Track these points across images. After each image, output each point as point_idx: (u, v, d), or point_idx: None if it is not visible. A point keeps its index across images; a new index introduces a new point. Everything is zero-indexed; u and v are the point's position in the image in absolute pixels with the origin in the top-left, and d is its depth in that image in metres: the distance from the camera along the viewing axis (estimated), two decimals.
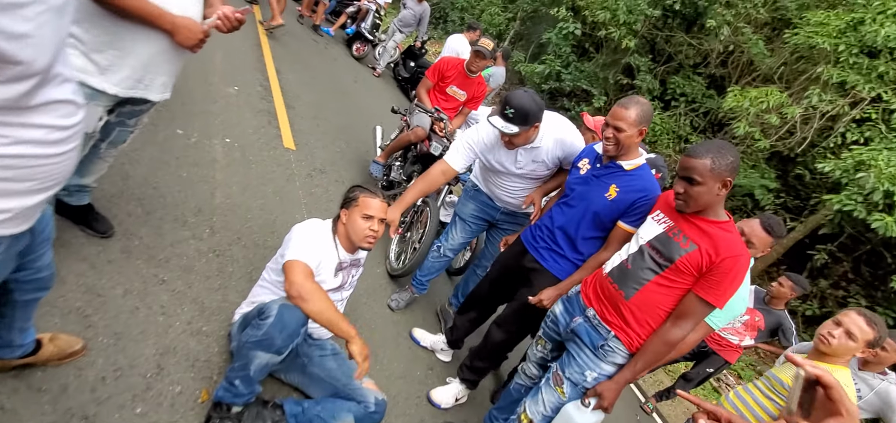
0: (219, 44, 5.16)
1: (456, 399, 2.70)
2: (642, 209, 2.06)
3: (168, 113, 3.38)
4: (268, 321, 1.73)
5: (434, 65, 4.28)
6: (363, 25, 8.62)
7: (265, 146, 3.90)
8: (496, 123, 2.31)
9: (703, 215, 1.76)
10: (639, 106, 2.04)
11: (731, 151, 1.70)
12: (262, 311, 1.80)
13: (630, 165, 2.13)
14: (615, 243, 2.13)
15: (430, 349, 2.99)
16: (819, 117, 5.49)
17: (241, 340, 1.82)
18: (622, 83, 8.16)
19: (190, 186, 2.90)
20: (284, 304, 1.78)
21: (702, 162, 1.68)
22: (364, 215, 2.01)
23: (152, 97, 1.87)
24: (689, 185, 1.72)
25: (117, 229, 2.28)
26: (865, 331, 1.94)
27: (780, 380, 2.05)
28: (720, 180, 1.68)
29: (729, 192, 1.75)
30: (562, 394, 1.97)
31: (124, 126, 1.98)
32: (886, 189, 4.34)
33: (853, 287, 6.03)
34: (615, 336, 1.87)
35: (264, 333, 1.73)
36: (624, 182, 2.13)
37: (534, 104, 2.30)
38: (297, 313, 1.77)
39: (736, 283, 1.70)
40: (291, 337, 1.77)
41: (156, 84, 1.86)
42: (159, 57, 1.79)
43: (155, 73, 1.83)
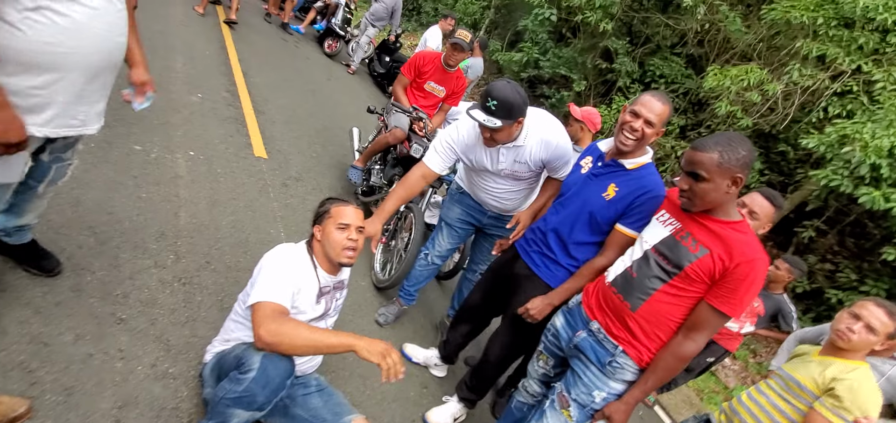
0: (180, 49, 4.88)
1: (454, 419, 2.53)
2: (643, 211, 1.88)
3: (123, 128, 3.11)
4: (249, 376, 1.52)
5: (409, 60, 4.07)
6: (334, 21, 8.33)
7: (234, 157, 3.66)
8: (478, 116, 2.11)
9: (713, 215, 1.60)
10: (668, 103, 1.87)
11: (743, 145, 1.52)
12: (242, 362, 1.59)
13: (633, 164, 1.95)
14: (613, 248, 1.96)
15: (424, 365, 2.81)
16: (800, 93, 5.46)
17: (217, 394, 1.61)
18: (601, 67, 8.05)
19: (150, 208, 2.66)
20: (268, 354, 1.57)
21: (709, 156, 1.51)
22: (339, 226, 1.81)
23: (90, 131, 1.62)
24: (695, 181, 1.56)
25: (66, 265, 2.04)
26: (886, 324, 1.84)
27: (795, 379, 1.94)
28: (730, 177, 1.51)
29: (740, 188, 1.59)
30: (568, 418, 1.81)
31: (61, 162, 1.72)
32: (873, 162, 4.31)
33: (841, 261, 6.05)
34: (623, 351, 1.71)
35: (245, 389, 1.52)
36: (624, 181, 1.95)
37: (518, 97, 2.11)
38: (282, 365, 1.57)
39: (753, 290, 1.55)
40: (276, 392, 1.58)
41: (93, 114, 1.61)
42: (97, 79, 1.53)
43: (91, 100, 1.57)
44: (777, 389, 2.00)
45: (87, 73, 1.47)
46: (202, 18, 6.22)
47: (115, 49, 1.54)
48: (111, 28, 1.48)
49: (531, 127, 2.28)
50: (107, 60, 1.52)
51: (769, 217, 2.36)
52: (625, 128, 1.87)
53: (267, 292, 1.65)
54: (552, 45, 8.93)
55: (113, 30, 1.49)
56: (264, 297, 1.63)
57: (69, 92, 1.45)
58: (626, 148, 1.89)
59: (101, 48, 1.48)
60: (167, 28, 5.19)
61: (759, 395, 2.04)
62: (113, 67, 1.58)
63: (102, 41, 1.47)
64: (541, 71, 8.85)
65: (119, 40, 1.54)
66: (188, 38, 5.33)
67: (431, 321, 3.30)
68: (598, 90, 8.58)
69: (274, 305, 1.63)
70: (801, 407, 1.88)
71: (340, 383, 2.36)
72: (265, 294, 1.64)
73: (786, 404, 1.93)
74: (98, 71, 1.51)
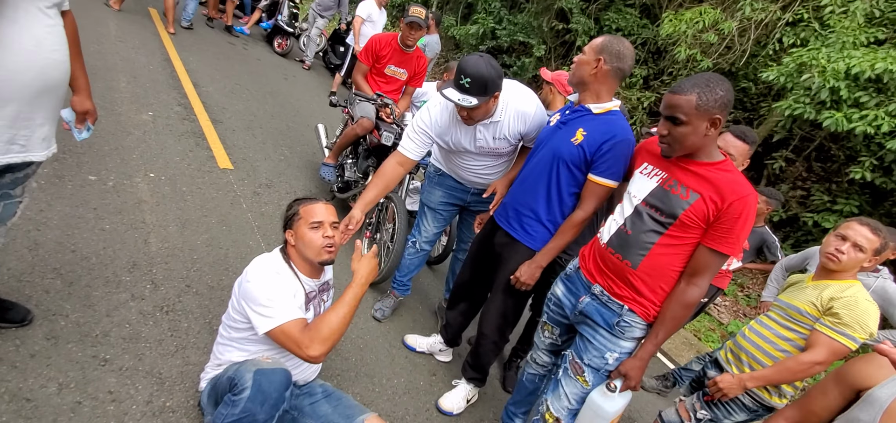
0: (121, 67, 4.58)
1: (467, 401, 2.50)
2: (612, 157, 1.87)
3: (72, 159, 2.90)
4: (244, 395, 1.44)
5: (365, 46, 3.93)
6: (280, 18, 8.02)
7: (198, 172, 3.47)
8: (452, 96, 2.03)
9: (696, 158, 1.59)
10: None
11: (721, 85, 1.50)
12: (235, 382, 1.51)
13: (599, 109, 1.93)
14: (589, 200, 1.96)
15: (429, 353, 2.76)
16: (754, 28, 5.58)
17: (215, 420, 1.52)
18: (558, 28, 8.04)
19: (117, 239, 2.48)
20: (260, 370, 1.49)
21: (686, 98, 1.49)
22: (311, 226, 1.74)
23: (36, 157, 1.48)
24: (673, 125, 1.54)
25: (36, 313, 1.88)
26: (872, 239, 1.90)
27: (794, 306, 1.99)
28: (708, 119, 1.50)
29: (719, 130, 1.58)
30: (585, 383, 1.79)
31: (9, 198, 1.57)
32: (832, 86, 4.46)
33: (812, 185, 6.30)
34: (630, 310, 1.70)
35: (242, 409, 1.44)
36: (592, 126, 1.92)
37: (492, 71, 2.03)
38: (277, 377, 1.51)
39: (748, 226, 1.55)
40: (275, 407, 1.50)
41: (35, 139, 1.46)
42: (35, 102, 1.39)
43: (32, 124, 1.43)
44: (779, 319, 2.05)
45: (21, 93, 1.34)
46: (139, 31, 5.86)
47: (48, 66, 1.40)
48: (40, 43, 1.35)
49: (507, 100, 2.22)
50: (41, 79, 1.39)
51: (744, 154, 2.39)
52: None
53: (281, 315, 1.58)
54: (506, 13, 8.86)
55: (43, 45, 1.36)
56: (281, 321, 1.57)
57: (2, 115, 1.32)
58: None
59: (31, 65, 1.35)
60: (103, 46, 4.85)
61: (762, 328, 2.09)
62: (52, 87, 1.44)
63: (32, 57, 1.34)
64: (499, 40, 8.78)
65: (53, 57, 1.41)
66: (127, 53, 5.00)
67: (429, 308, 3.26)
68: (558, 53, 8.58)
69: (295, 323, 1.58)
70: (803, 332, 1.93)
71: (348, 385, 2.29)
72: (280, 318, 1.57)
73: (789, 332, 1.98)
74: (34, 91, 1.38)
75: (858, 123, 4.64)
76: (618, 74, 1.89)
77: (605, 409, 1.72)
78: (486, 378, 2.52)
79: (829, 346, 1.82)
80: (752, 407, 2.07)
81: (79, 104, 1.69)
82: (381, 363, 2.55)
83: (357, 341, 2.61)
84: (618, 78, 1.91)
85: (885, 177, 5.49)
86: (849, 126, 4.64)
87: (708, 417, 2.17)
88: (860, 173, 5.16)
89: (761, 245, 3.59)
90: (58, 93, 1.48)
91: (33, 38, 1.32)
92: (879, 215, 5.88)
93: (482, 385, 2.54)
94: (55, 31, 1.40)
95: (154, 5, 7.08)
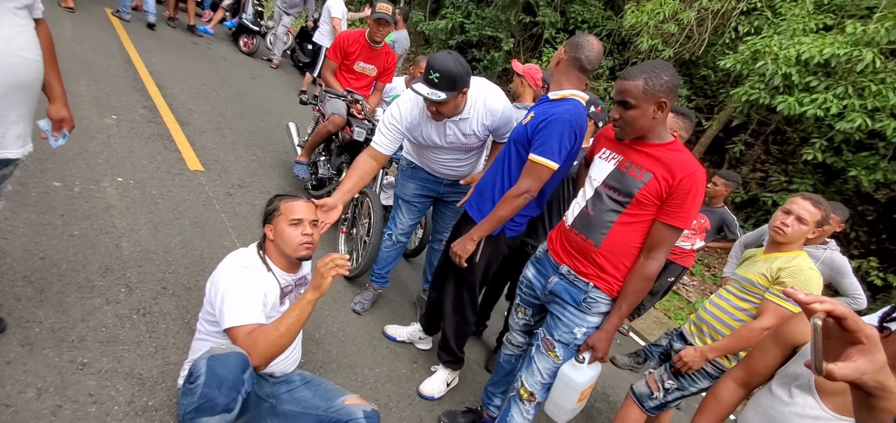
0: (80, 71, 4.44)
1: (447, 385, 2.57)
2: (544, 134, 1.92)
3: (35, 166, 2.83)
4: (199, 382, 1.45)
5: (333, 43, 3.94)
6: (244, 16, 7.88)
7: (167, 174, 3.42)
8: (422, 90, 2.09)
9: (648, 141, 1.71)
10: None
11: (666, 71, 1.62)
12: (191, 372, 1.52)
13: (555, 96, 2.01)
14: (524, 177, 1.99)
15: (409, 341, 2.82)
16: (711, 17, 5.83)
17: (179, 412, 1.52)
18: (525, 22, 8.18)
19: (87, 245, 2.45)
20: (213, 356, 1.49)
21: (634, 83, 1.62)
22: (291, 222, 1.77)
23: (11, 154, 1.48)
24: (624, 109, 1.66)
25: (8, 321, 1.85)
26: (813, 212, 2.05)
27: (748, 279, 2.13)
28: (655, 102, 1.61)
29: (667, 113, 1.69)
30: (556, 358, 1.89)
31: None
32: (784, 72, 4.71)
33: (770, 167, 6.63)
34: (595, 286, 1.80)
35: (200, 395, 1.45)
36: (540, 109, 2.01)
37: (460, 68, 2.11)
38: (231, 360, 1.50)
39: (698, 200, 1.67)
40: (234, 388, 1.48)
41: (10, 137, 1.47)
42: (6, 99, 1.41)
43: (5, 121, 1.44)
44: (735, 292, 2.19)
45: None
46: (96, 32, 5.68)
47: (19, 64, 1.42)
48: (9, 42, 1.38)
49: (476, 97, 2.29)
50: (12, 77, 1.41)
51: (687, 128, 2.57)
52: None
53: (237, 315, 1.60)
54: (474, 7, 8.94)
55: (12, 44, 1.39)
56: (236, 321, 1.59)
57: None
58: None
59: (1, 63, 1.38)
60: (59, 49, 4.66)
61: (720, 300, 2.23)
62: (23, 87, 1.46)
63: (1, 55, 1.37)
64: (468, 35, 8.86)
65: (23, 55, 1.43)
66: (85, 56, 4.85)
67: (408, 300, 3.31)
68: (527, 46, 8.72)
69: (246, 327, 1.60)
70: (756, 302, 2.08)
71: (330, 376, 2.33)
72: (236, 318, 1.60)
73: (744, 303, 2.12)
74: (5, 88, 1.40)
75: (809, 107, 4.91)
76: (575, 63, 1.95)
77: (576, 380, 1.82)
78: (461, 361, 2.59)
79: (777, 312, 1.96)
80: (714, 374, 2.21)
81: (55, 112, 1.70)
82: (362, 353, 2.60)
83: (338, 334, 2.64)
84: (576, 67, 1.96)
85: (836, 156, 5.83)
86: (800, 109, 4.91)
87: (675, 386, 2.30)
88: (812, 154, 5.47)
89: (722, 225, 3.78)
90: (31, 92, 1.49)
91: (3, 37, 1.34)
92: (831, 192, 6.24)
93: (458, 367, 2.62)
94: (25, 32, 1.43)
95: (110, 5, 6.85)
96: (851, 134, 4.96)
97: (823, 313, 0.70)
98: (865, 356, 0.69)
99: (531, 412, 1.99)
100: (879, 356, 0.69)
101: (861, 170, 5.49)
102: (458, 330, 2.47)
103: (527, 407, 1.98)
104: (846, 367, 0.69)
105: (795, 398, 1.26)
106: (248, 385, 1.55)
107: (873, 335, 0.70)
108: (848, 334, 0.71)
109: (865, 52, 4.54)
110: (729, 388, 1.47)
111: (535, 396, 1.95)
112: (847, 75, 4.89)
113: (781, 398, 1.30)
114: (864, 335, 0.70)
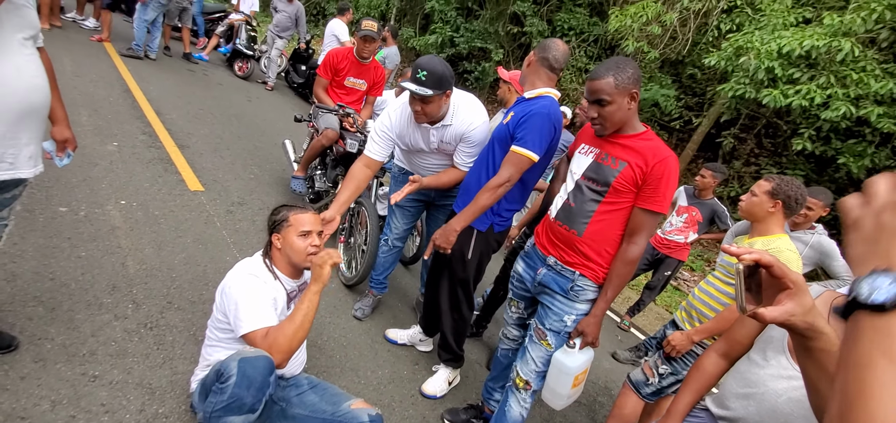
0: (81, 102, 4.55)
1: (449, 383, 2.64)
2: (526, 126, 2.04)
3: (41, 192, 2.92)
4: (230, 382, 1.55)
5: (323, 61, 4.06)
6: (238, 42, 8.03)
7: (169, 196, 3.51)
8: (409, 86, 2.23)
9: (622, 133, 1.81)
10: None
11: (629, 64, 1.74)
12: (221, 372, 1.61)
13: (531, 94, 2.16)
14: (505, 167, 2.08)
15: (410, 344, 2.89)
16: (694, 17, 5.98)
17: (206, 410, 1.61)
18: (513, 32, 8.35)
19: (94, 265, 2.52)
20: (244, 358, 1.60)
21: (606, 81, 1.73)
22: (301, 234, 1.87)
23: (24, 174, 1.58)
24: (600, 107, 1.76)
25: (21, 339, 1.93)
26: (763, 185, 2.18)
27: (732, 263, 2.21)
28: (627, 94, 1.73)
29: (638, 103, 1.81)
30: (548, 346, 1.97)
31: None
32: (767, 66, 4.83)
33: (762, 160, 6.72)
34: (581, 275, 1.88)
35: (230, 395, 1.54)
36: (519, 107, 2.16)
37: (445, 69, 2.27)
38: (260, 362, 1.61)
39: (672, 184, 1.77)
40: (261, 390, 1.60)
41: (22, 157, 1.57)
42: (20, 123, 1.50)
43: (18, 143, 1.53)
44: (721, 276, 2.27)
45: (6, 115, 1.46)
46: (94, 64, 5.81)
47: (31, 90, 1.53)
48: (20, 70, 1.48)
49: (458, 105, 2.43)
50: (24, 102, 1.51)
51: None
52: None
53: (253, 320, 1.70)
54: (463, 21, 9.11)
55: (23, 72, 1.49)
56: (252, 326, 1.69)
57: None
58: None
59: (14, 90, 1.48)
60: (60, 81, 4.75)
61: (708, 286, 2.31)
62: (34, 111, 1.56)
63: (14, 83, 1.47)
64: (458, 48, 9.02)
65: (33, 82, 1.54)
66: (85, 88, 4.96)
67: (407, 304, 3.38)
68: (516, 55, 8.88)
69: (262, 330, 1.70)
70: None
71: (333, 379, 2.39)
72: (252, 323, 1.70)
73: (729, 287, 2.20)
74: (18, 113, 1.50)
75: (794, 98, 5.03)
76: (544, 63, 2.13)
77: (569, 365, 1.89)
78: (461, 358, 2.65)
79: None
80: None
81: (58, 133, 1.81)
82: (364, 357, 2.66)
83: (340, 340, 2.71)
84: (546, 67, 2.13)
85: (825, 145, 5.93)
86: (786, 101, 5.03)
87: (669, 370, 2.36)
88: (801, 144, 5.57)
89: (713, 216, 3.87)
90: (40, 115, 1.59)
91: (13, 65, 1.45)
92: (824, 182, 6.33)
93: (459, 365, 2.68)
94: (33, 60, 1.54)
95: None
96: (838, 122, 5.06)
97: (750, 261, 0.78)
98: (793, 298, 0.76)
99: (528, 400, 2.05)
100: (806, 299, 0.77)
101: (850, 157, 5.58)
102: (456, 328, 2.54)
103: (523, 396, 2.05)
104: (775, 309, 0.76)
105: (770, 361, 1.33)
106: (272, 388, 1.64)
107: (799, 280, 0.77)
108: (776, 281, 0.78)
109: (844, 42, 4.67)
110: (711, 359, 1.54)
111: (531, 384, 2.02)
112: (829, 66, 5.01)
113: (757, 361, 1.37)
114: (790, 280, 0.77)
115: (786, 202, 2.14)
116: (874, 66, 4.77)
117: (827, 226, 3.24)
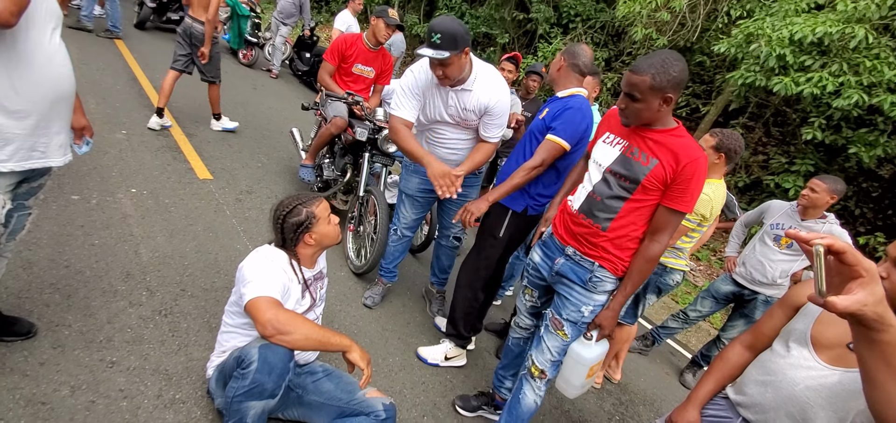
0: (88, 90, 4.55)
1: (446, 357, 2.70)
2: (562, 118, 2.26)
3: (53, 182, 2.93)
4: (252, 368, 1.57)
5: (331, 46, 4.00)
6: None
7: (178, 184, 3.52)
8: (426, 52, 2.20)
9: (652, 127, 1.74)
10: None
11: (675, 66, 1.62)
12: (242, 359, 1.63)
13: (563, 94, 2.37)
14: (539, 152, 2.27)
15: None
16: (703, 3, 5.89)
17: (227, 396, 1.63)
18: (519, 18, 8.26)
19: (108, 252, 2.54)
20: (264, 345, 1.61)
21: (641, 78, 1.63)
22: (329, 220, 1.92)
23: (55, 162, 1.61)
24: (630, 101, 1.69)
25: (39, 325, 1.95)
26: (708, 140, 2.55)
27: None
28: (660, 97, 1.63)
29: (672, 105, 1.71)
30: (564, 337, 1.96)
31: (23, 209, 1.68)
32: (778, 53, 4.75)
33: (771, 149, 6.65)
34: (600, 266, 1.86)
35: (252, 381, 1.56)
36: (554, 104, 2.36)
37: (459, 27, 2.22)
38: (280, 350, 1.63)
39: (700, 185, 1.72)
40: (281, 376, 1.62)
41: (53, 146, 1.59)
42: (51, 112, 1.52)
43: (49, 132, 1.55)
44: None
45: (39, 104, 1.48)
46: (100, 53, 5.80)
47: (61, 78, 1.54)
48: (51, 59, 1.50)
49: (479, 74, 2.40)
50: (55, 90, 1.53)
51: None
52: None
53: (260, 287, 1.68)
54: (468, 8, 9.02)
55: (53, 60, 1.51)
56: (259, 292, 1.67)
57: (25, 125, 1.46)
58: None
59: (46, 79, 1.50)
60: None
61: None
62: (63, 97, 1.58)
63: (46, 71, 1.49)
64: None
65: (62, 70, 1.55)
66: (92, 76, 4.96)
67: (416, 293, 3.39)
68: (521, 42, 8.80)
69: (269, 299, 1.66)
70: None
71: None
72: (259, 289, 1.67)
73: None
74: (50, 102, 1.52)
75: (805, 86, 4.95)
76: (574, 68, 2.36)
77: (585, 356, 1.89)
78: (465, 340, 2.73)
79: None
80: None
81: (75, 121, 1.83)
82: (375, 345, 2.68)
83: (351, 328, 2.73)
84: (575, 71, 2.36)
85: (836, 134, 5.86)
86: (797, 89, 4.95)
87: None
88: (812, 133, 5.50)
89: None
90: (68, 102, 1.61)
91: (45, 54, 1.47)
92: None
93: (460, 342, 2.72)
94: (61, 49, 1.55)
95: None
96: (849, 111, 4.99)
97: (825, 246, 0.73)
98: (865, 288, 0.71)
99: (542, 388, 2.06)
100: (878, 288, 0.72)
101: (861, 147, 5.51)
102: (467, 308, 2.63)
103: (538, 384, 2.05)
104: (848, 299, 0.71)
105: (792, 352, 1.33)
106: (291, 374, 1.65)
107: (872, 268, 0.73)
108: (847, 268, 0.73)
109: (857, 28, 4.59)
110: (736, 350, 1.54)
111: (546, 373, 2.02)
112: (841, 53, 4.94)
113: (779, 352, 1.37)
114: (863, 268, 0.72)
115: (717, 149, 2.51)
116: (888, 54, 4.69)
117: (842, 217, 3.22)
